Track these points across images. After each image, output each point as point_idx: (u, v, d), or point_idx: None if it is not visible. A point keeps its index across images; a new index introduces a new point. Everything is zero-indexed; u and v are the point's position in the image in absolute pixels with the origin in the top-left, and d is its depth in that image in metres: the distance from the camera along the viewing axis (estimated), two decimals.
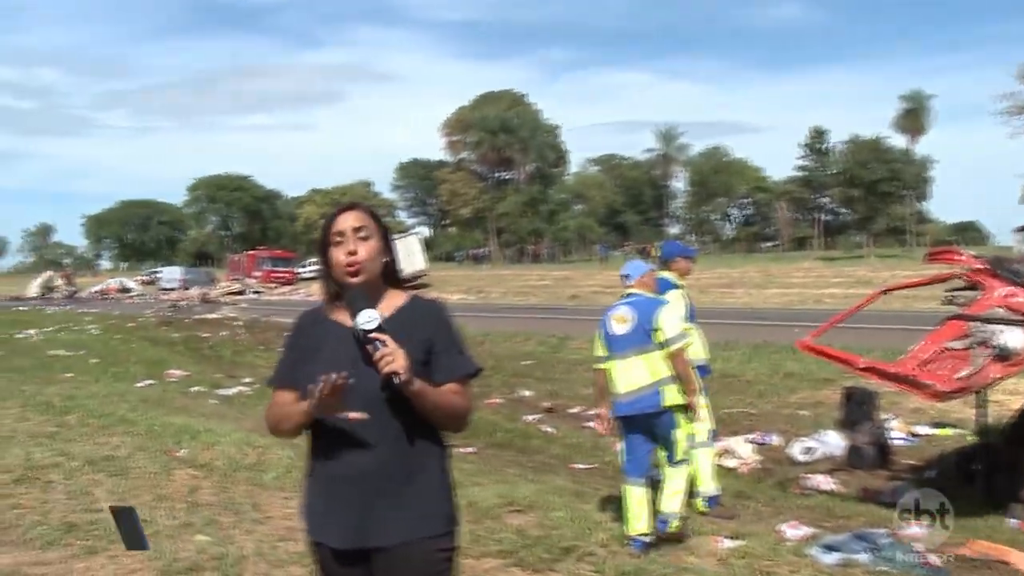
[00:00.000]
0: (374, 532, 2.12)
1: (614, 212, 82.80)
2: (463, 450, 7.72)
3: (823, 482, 6.79)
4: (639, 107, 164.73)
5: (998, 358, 5.39)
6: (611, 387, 5.06)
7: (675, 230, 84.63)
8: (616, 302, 5.21)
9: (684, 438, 4.99)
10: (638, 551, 4.69)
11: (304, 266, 49.93)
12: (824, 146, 71.90)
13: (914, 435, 8.15)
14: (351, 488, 2.12)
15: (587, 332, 14.22)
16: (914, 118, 62.56)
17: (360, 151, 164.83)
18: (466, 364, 2.25)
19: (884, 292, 7.54)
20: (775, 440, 8.20)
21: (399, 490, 2.13)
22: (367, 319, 2.09)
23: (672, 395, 4.87)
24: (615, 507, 5.36)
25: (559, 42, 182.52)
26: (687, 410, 4.94)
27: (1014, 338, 5.40)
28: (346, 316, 2.16)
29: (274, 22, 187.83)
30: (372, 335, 2.08)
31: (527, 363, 14.02)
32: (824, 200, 74.47)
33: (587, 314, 21.01)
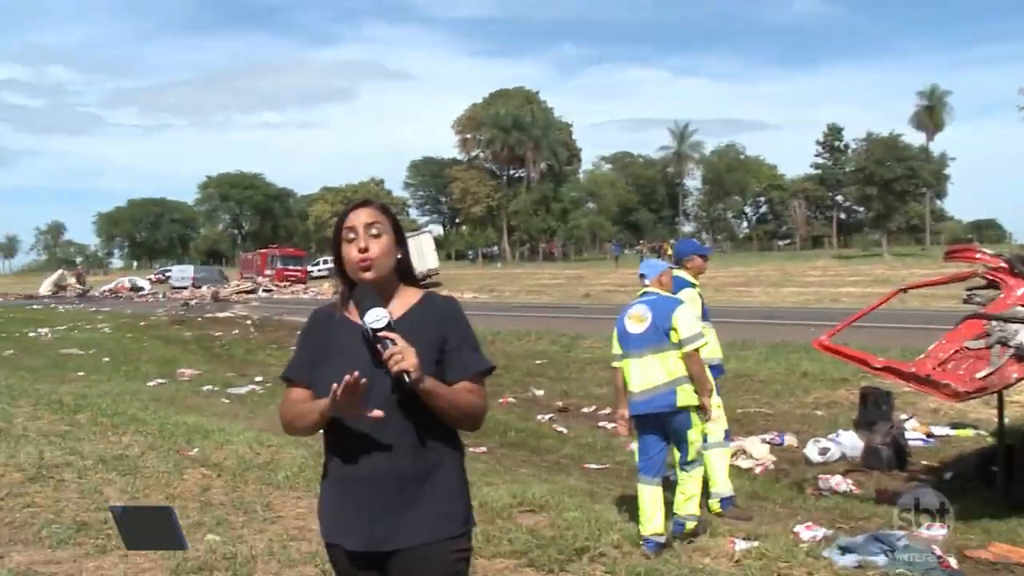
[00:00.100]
0: (390, 535, 2.10)
1: (627, 210, 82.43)
2: (475, 450, 7.69)
3: (839, 483, 6.72)
4: (653, 104, 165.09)
5: (1018, 358, 5.31)
6: (626, 386, 5.06)
7: (689, 228, 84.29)
8: (633, 301, 5.20)
9: (698, 439, 4.99)
10: (651, 552, 4.66)
11: (316, 264, 50.01)
12: (840, 143, 71.59)
13: (932, 436, 8.06)
14: (366, 490, 2.10)
15: (600, 331, 14.23)
16: (931, 115, 62.00)
17: (372, 149, 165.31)
18: (479, 361, 2.21)
19: (901, 291, 7.45)
20: (790, 440, 8.13)
21: (414, 491, 2.11)
22: (375, 318, 2.06)
23: (687, 395, 4.89)
24: (628, 507, 5.33)
25: (572, 39, 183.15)
26: (701, 410, 4.94)
27: None
28: (359, 315, 2.13)
29: (285, 19, 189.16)
30: (381, 334, 2.05)
31: (539, 362, 13.99)
32: (840, 198, 74.10)
33: (600, 313, 20.99)
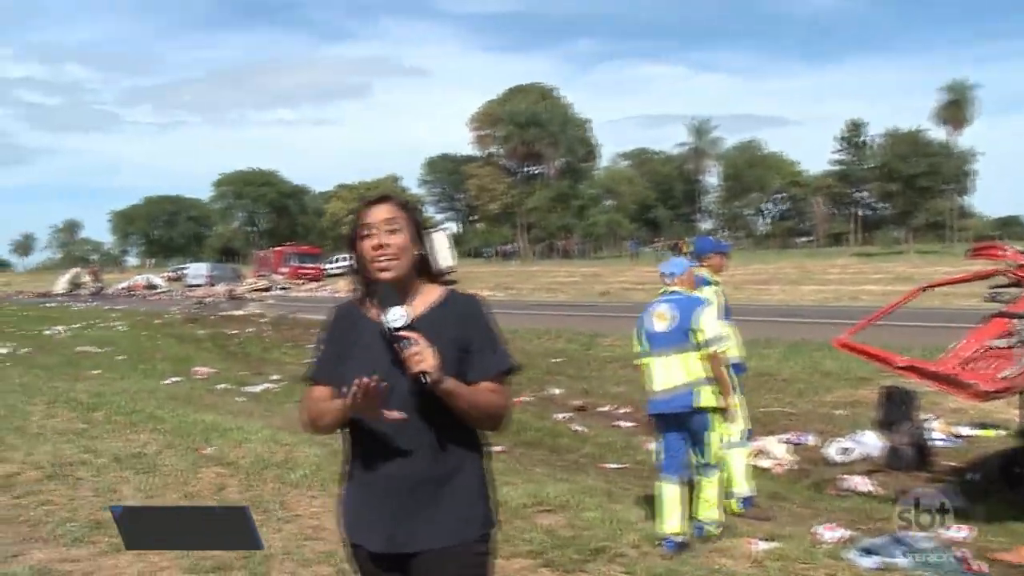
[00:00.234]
0: (410, 537, 2.08)
1: (645, 207, 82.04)
2: (492, 449, 7.65)
3: (860, 483, 6.64)
4: (671, 100, 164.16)
5: None
6: (647, 384, 5.03)
7: (707, 225, 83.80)
8: (656, 299, 5.16)
9: (717, 440, 4.97)
10: (670, 551, 4.62)
11: (331, 262, 49.99)
12: (861, 139, 70.76)
13: (955, 436, 7.94)
14: (388, 491, 2.09)
15: (618, 329, 14.15)
16: (956, 109, 60.85)
17: (387, 146, 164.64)
18: (502, 360, 2.18)
19: (924, 289, 7.34)
20: (811, 440, 8.05)
21: (434, 494, 2.09)
22: (394, 317, 2.03)
23: (707, 396, 4.87)
24: (647, 507, 5.29)
25: (589, 34, 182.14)
26: (721, 412, 4.91)
27: None
28: (378, 313, 2.10)
29: (300, 16, 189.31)
30: (400, 333, 2.01)
31: (557, 360, 13.92)
32: (861, 195, 73.38)
33: (618, 311, 20.89)
